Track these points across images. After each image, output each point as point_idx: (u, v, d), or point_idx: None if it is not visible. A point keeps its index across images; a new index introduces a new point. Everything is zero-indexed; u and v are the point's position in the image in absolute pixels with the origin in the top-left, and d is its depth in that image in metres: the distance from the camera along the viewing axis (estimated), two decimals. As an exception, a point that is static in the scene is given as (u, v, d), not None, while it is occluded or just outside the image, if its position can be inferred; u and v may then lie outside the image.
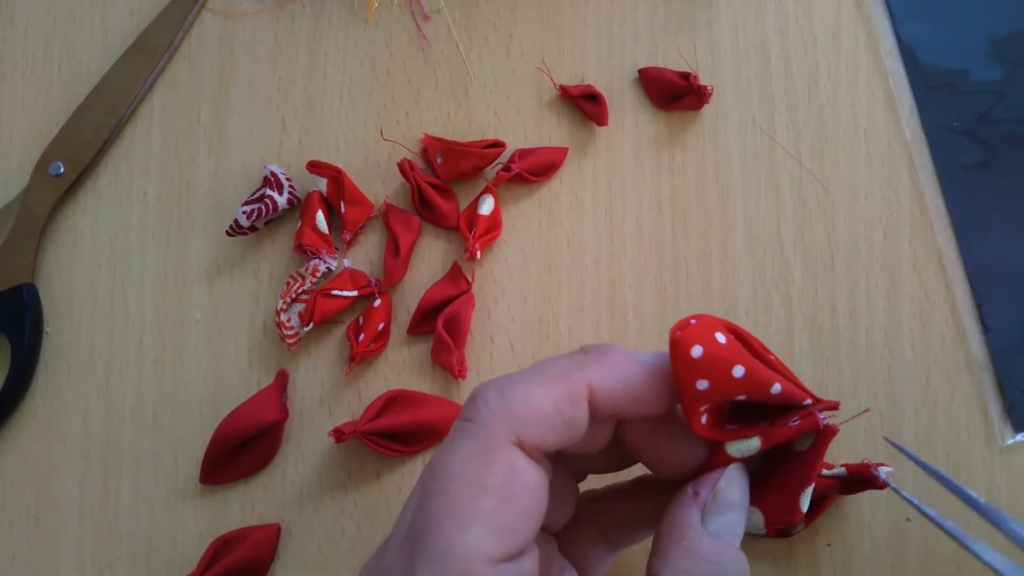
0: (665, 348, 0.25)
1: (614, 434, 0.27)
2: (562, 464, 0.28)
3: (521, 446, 0.23)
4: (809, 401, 0.26)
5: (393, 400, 0.38)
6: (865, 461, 0.35)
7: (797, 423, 0.26)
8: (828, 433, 0.26)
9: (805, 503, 0.27)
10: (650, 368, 0.25)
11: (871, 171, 0.42)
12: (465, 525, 0.21)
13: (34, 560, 0.38)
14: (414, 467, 0.39)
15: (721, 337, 0.25)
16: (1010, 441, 0.38)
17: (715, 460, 0.27)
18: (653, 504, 0.28)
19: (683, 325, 0.25)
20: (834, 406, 0.26)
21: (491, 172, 0.41)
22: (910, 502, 0.32)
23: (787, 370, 0.27)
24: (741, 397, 0.25)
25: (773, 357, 0.27)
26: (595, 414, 0.24)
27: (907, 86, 0.42)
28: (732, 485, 0.26)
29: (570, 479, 0.29)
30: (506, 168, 0.40)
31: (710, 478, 0.26)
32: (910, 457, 0.32)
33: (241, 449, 0.38)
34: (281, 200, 0.39)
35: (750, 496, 0.27)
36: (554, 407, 0.23)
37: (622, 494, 0.30)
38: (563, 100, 0.43)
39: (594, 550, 0.29)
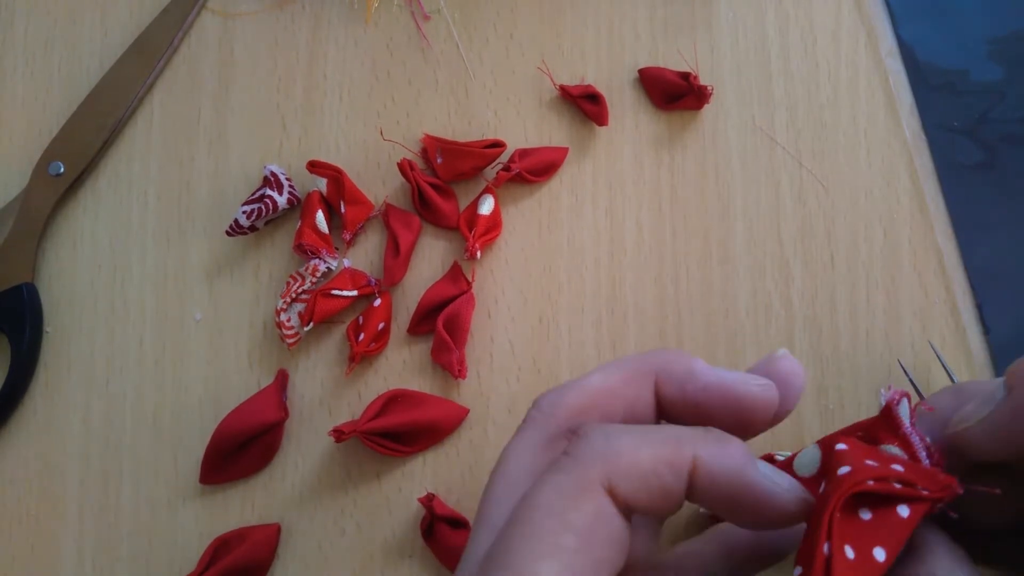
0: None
1: None
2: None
3: (611, 494, 0.22)
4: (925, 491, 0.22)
5: (393, 400, 0.38)
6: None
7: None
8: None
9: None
10: (759, 488, 0.22)
11: (871, 171, 0.42)
12: (540, 558, 0.21)
13: (34, 560, 0.38)
14: (414, 467, 0.39)
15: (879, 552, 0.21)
16: (1010, 441, 0.38)
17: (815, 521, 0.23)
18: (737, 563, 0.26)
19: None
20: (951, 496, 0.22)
21: (491, 172, 0.41)
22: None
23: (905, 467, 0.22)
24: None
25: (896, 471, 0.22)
26: (692, 490, 0.22)
27: (907, 86, 0.42)
28: None
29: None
30: (506, 168, 0.40)
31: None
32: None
33: (241, 449, 0.38)
34: (281, 200, 0.40)
35: None
36: (653, 468, 0.22)
37: (698, 552, 0.27)
38: (563, 100, 0.43)
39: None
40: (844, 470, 0.21)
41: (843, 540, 0.20)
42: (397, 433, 0.37)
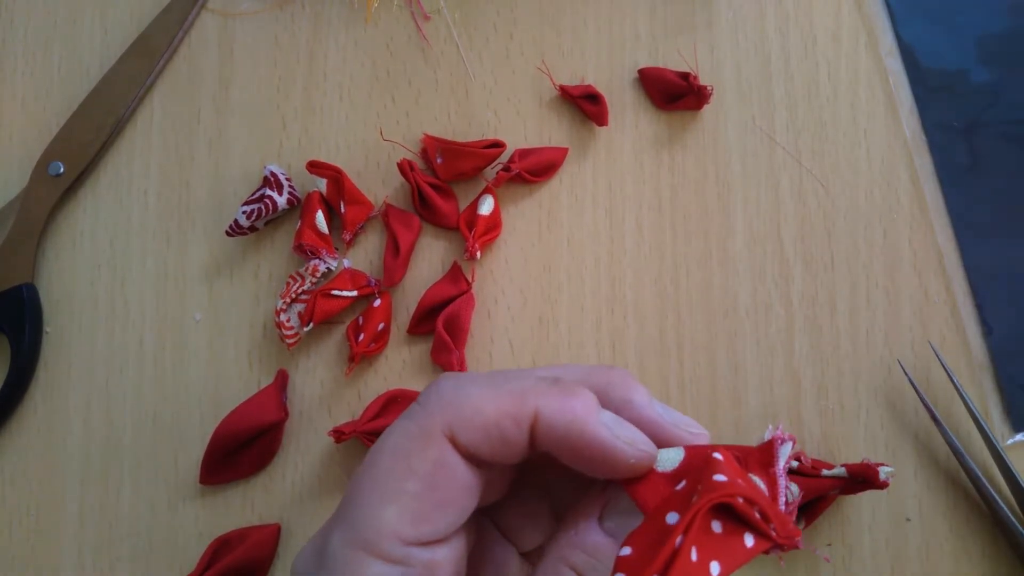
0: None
1: None
2: None
3: (453, 442, 0.23)
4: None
5: (393, 400, 0.38)
6: (865, 461, 0.35)
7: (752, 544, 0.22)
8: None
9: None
10: (598, 440, 0.23)
11: (871, 171, 0.42)
12: (385, 501, 0.22)
13: (34, 560, 0.38)
14: (414, 467, 0.39)
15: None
16: (1010, 441, 0.38)
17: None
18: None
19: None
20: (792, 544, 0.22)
21: (491, 172, 0.41)
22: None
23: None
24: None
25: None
26: (535, 440, 0.23)
27: (907, 86, 0.42)
28: None
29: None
30: (506, 168, 0.40)
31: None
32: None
33: (241, 449, 0.38)
34: (281, 200, 0.39)
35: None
36: (496, 420, 0.23)
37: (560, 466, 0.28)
38: (563, 100, 0.42)
39: (534, 521, 0.28)
40: (720, 478, 0.21)
41: (693, 542, 0.21)
42: (397, 433, 0.37)
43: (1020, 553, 0.36)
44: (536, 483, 0.27)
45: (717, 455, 0.23)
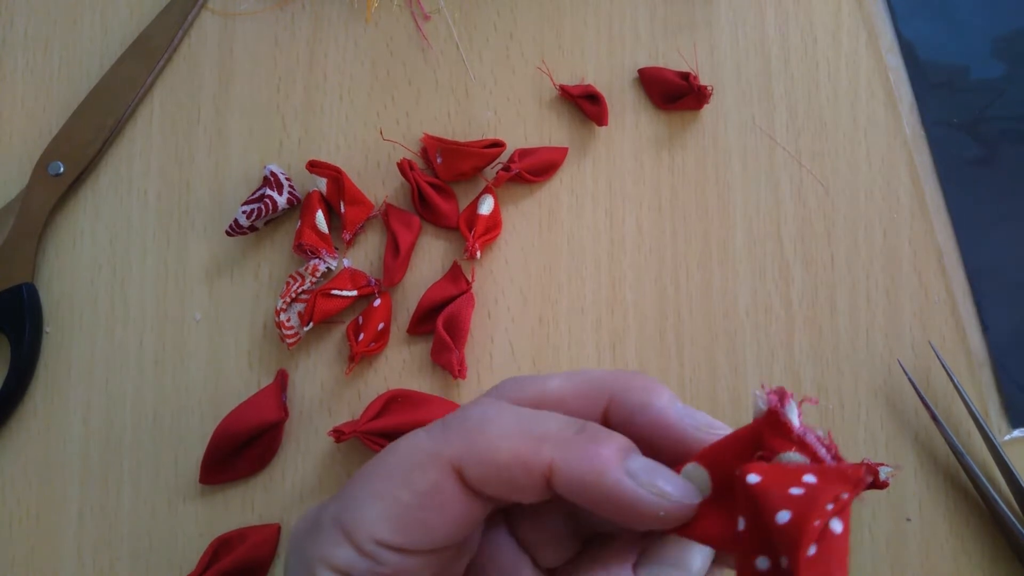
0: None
1: None
2: None
3: (460, 474, 0.22)
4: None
5: (393, 400, 0.38)
6: (865, 461, 0.35)
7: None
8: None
9: None
10: (617, 492, 0.22)
11: (871, 171, 0.42)
12: (373, 498, 0.22)
13: (34, 560, 0.38)
14: (414, 467, 0.39)
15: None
16: (1007, 437, 0.39)
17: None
18: None
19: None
20: None
21: (491, 172, 0.41)
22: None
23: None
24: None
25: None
26: (553, 489, 0.23)
27: (907, 83, 0.42)
28: (685, 549, 0.23)
29: None
30: (506, 168, 0.40)
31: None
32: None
33: (241, 449, 0.38)
34: (281, 200, 0.39)
35: None
36: (507, 464, 0.22)
37: None
38: (563, 100, 0.42)
39: (557, 538, 0.27)
40: (784, 517, 0.19)
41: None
42: (397, 433, 0.37)
43: (1020, 553, 0.36)
44: (563, 501, 0.26)
45: (753, 478, 0.20)
